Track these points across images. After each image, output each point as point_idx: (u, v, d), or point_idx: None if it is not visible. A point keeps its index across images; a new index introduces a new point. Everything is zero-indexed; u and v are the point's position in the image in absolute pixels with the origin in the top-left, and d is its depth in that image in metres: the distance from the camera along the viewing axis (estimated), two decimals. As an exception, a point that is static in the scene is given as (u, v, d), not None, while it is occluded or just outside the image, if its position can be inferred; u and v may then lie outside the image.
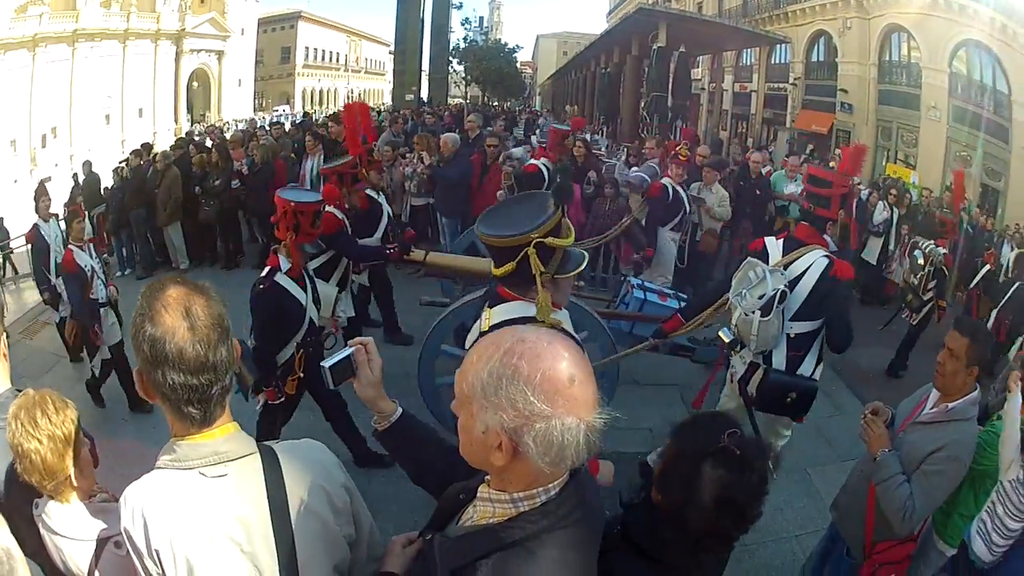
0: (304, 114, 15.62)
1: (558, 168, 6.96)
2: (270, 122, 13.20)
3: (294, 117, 15.19)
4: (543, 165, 6.77)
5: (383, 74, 18.02)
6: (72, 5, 11.77)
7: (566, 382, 1.13)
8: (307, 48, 16.42)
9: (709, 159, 7.85)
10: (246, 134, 10.79)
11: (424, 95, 16.77)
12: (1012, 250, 7.90)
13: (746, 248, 4.30)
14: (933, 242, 6.67)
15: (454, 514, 1.43)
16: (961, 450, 2.57)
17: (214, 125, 14.10)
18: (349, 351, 1.64)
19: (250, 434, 1.50)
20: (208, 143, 10.49)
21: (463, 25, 17.43)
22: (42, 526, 1.89)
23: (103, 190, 10.07)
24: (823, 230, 3.83)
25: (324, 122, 10.84)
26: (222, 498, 1.38)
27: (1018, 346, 5.44)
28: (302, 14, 16.09)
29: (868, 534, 2.84)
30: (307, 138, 8.76)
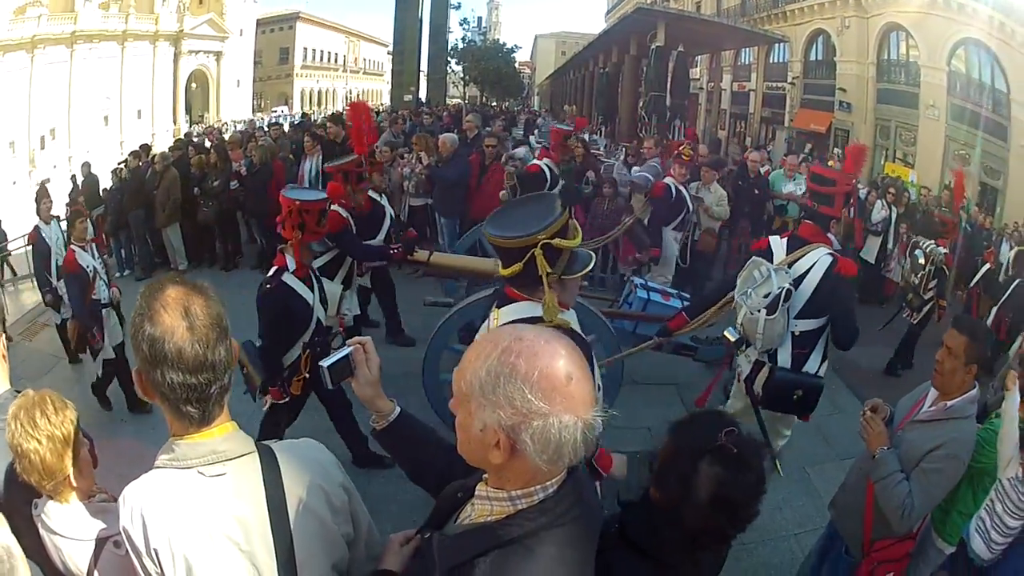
0: (302, 115, 15.61)
1: (564, 170, 6.95)
2: (268, 123, 13.19)
3: (292, 118, 15.18)
4: (545, 166, 6.76)
5: (381, 74, 18.02)
6: (71, 7, 11.78)
7: (563, 380, 1.14)
8: (305, 49, 16.43)
9: (707, 158, 7.84)
10: (245, 135, 10.79)
11: (422, 95, 16.77)
12: (1011, 249, 7.91)
13: (744, 247, 4.32)
14: (934, 242, 6.66)
15: (452, 512, 1.43)
16: (960, 448, 2.57)
17: (212, 126, 14.10)
18: (347, 350, 1.64)
19: (251, 434, 1.50)
20: (207, 144, 10.48)
21: (461, 25, 17.48)
22: (41, 526, 1.89)
23: (102, 191, 10.08)
24: (827, 228, 3.85)
25: (323, 123, 10.82)
26: (220, 497, 1.38)
27: (1018, 344, 5.44)
28: (300, 15, 16.10)
29: (867, 532, 2.84)
30: (305, 139, 8.74)
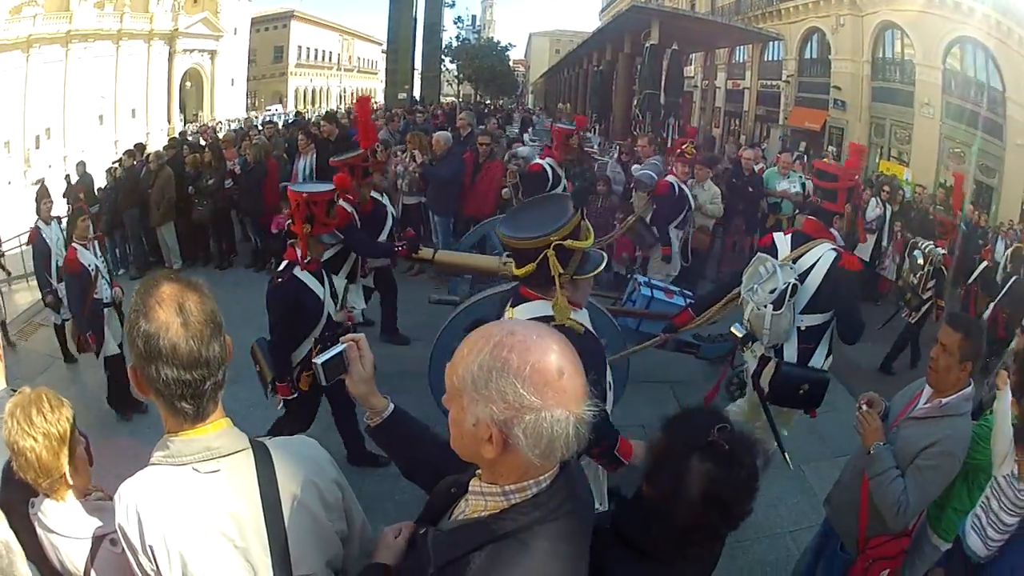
0: (297, 113, 15.55)
1: (577, 172, 6.93)
2: (263, 121, 13.12)
3: (287, 116, 15.13)
4: (548, 165, 6.77)
5: (376, 73, 17.94)
6: (66, 6, 11.71)
7: (555, 374, 1.14)
8: (300, 47, 16.35)
9: (701, 156, 7.85)
10: (239, 134, 10.77)
11: (417, 94, 16.73)
12: (1006, 246, 7.95)
13: (738, 245, 4.34)
14: (932, 242, 6.70)
15: (446, 508, 1.44)
16: (955, 445, 2.58)
17: (207, 125, 14.03)
18: (341, 347, 1.64)
19: (245, 431, 1.51)
20: (201, 143, 10.46)
21: (455, 23, 17.39)
22: (38, 524, 1.90)
23: (96, 190, 10.04)
24: (830, 224, 3.87)
25: (317, 121, 10.81)
26: (215, 494, 1.39)
27: (1015, 342, 5.45)
28: (295, 13, 16.03)
29: (862, 529, 2.85)
30: (300, 137, 8.75)
